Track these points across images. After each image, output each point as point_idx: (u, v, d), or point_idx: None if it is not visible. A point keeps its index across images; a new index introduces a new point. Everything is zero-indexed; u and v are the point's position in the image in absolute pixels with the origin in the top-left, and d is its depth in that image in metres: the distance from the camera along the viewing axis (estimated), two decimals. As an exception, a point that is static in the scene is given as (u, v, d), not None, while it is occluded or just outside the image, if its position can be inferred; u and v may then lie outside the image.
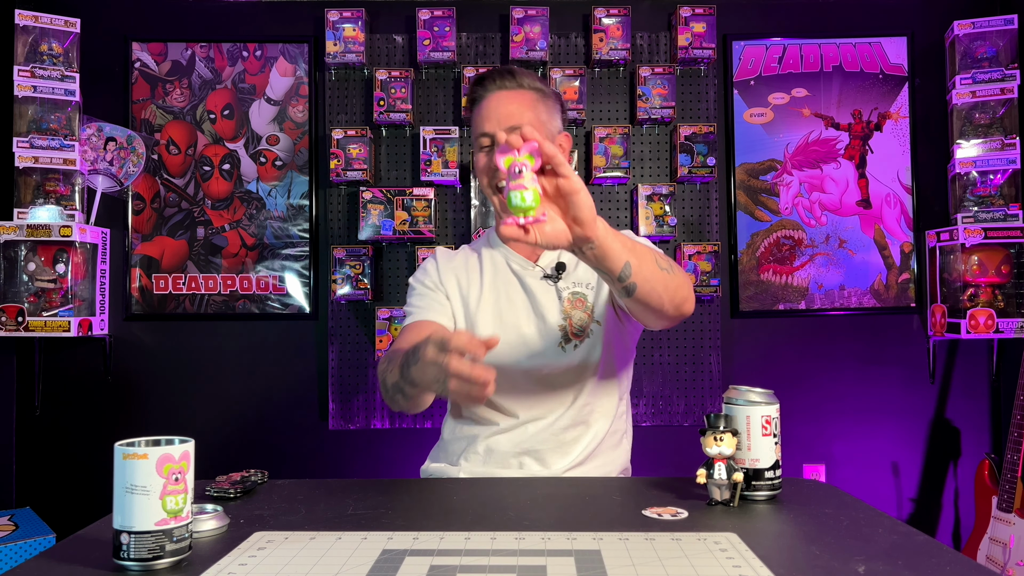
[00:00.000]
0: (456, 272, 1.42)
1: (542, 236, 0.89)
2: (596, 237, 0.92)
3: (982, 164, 2.45)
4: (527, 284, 1.37)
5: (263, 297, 2.58)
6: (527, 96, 1.32)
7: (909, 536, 0.80)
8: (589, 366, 1.32)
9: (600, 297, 1.33)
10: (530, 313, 1.35)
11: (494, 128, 1.30)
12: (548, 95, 1.36)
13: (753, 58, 2.64)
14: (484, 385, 0.89)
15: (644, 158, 2.60)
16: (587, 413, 1.33)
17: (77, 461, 2.54)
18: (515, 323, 1.35)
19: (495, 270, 1.40)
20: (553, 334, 1.33)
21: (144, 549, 0.70)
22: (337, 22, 2.49)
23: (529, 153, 0.85)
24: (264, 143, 2.60)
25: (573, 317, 1.33)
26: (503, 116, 1.29)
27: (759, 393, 0.95)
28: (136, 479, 0.70)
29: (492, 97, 1.32)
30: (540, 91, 1.35)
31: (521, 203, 0.85)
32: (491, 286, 1.39)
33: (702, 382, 2.57)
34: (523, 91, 1.33)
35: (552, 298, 1.34)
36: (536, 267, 1.38)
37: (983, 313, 2.35)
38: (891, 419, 2.60)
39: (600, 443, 1.33)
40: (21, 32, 2.35)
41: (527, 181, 0.85)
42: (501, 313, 1.36)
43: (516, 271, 1.39)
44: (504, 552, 0.75)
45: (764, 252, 2.62)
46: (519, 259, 1.39)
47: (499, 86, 1.33)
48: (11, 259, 2.34)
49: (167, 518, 0.71)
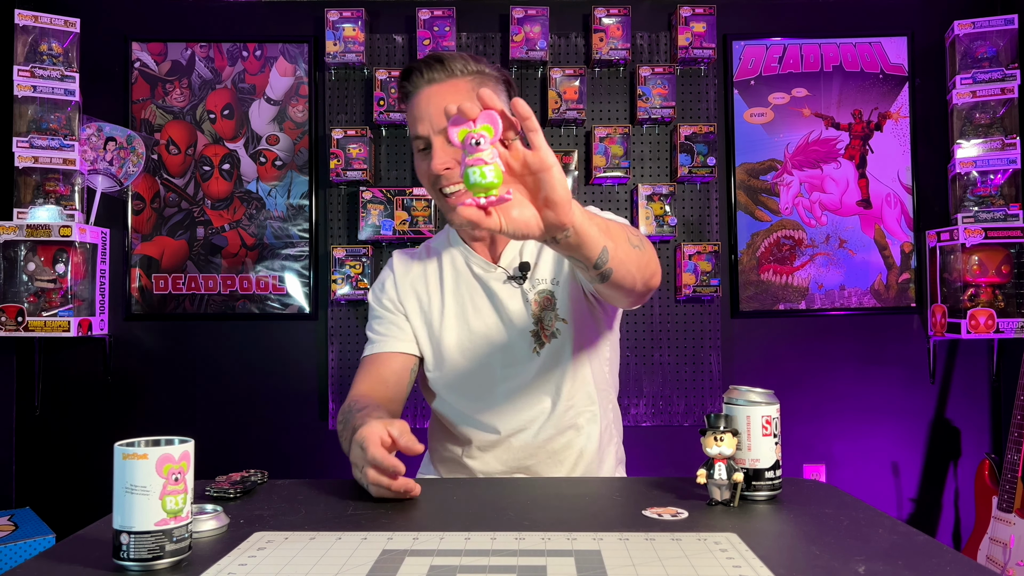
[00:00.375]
0: (415, 286, 1.32)
1: (508, 222, 0.75)
2: (572, 223, 0.79)
3: (982, 164, 2.45)
4: (491, 288, 1.27)
5: (263, 297, 2.58)
6: (462, 85, 1.17)
7: (909, 536, 0.80)
8: (564, 367, 1.24)
9: (566, 291, 1.24)
10: (498, 320, 1.26)
11: (428, 131, 1.17)
12: (489, 76, 1.21)
13: (753, 58, 2.64)
14: (405, 495, 0.94)
15: (644, 158, 2.60)
16: (572, 417, 1.26)
17: (77, 461, 2.54)
18: (484, 332, 1.26)
19: (456, 275, 1.30)
20: (525, 339, 1.24)
21: (144, 549, 0.70)
22: (337, 22, 2.49)
23: (487, 124, 0.72)
24: (264, 143, 2.60)
25: (544, 319, 1.24)
26: (435, 115, 1.16)
27: (759, 393, 0.95)
28: (136, 479, 0.70)
29: (422, 94, 1.18)
30: (478, 74, 1.19)
31: (481, 179, 0.71)
32: (453, 294, 1.29)
33: (702, 382, 2.57)
34: (456, 80, 1.17)
35: (519, 301, 1.25)
36: (498, 269, 1.27)
37: (983, 313, 2.34)
38: (891, 419, 2.60)
39: (596, 445, 1.28)
40: (21, 32, 2.35)
41: (487, 155, 0.71)
42: (468, 322, 1.27)
43: (478, 275, 1.28)
44: (504, 552, 0.75)
45: (764, 252, 2.62)
46: (480, 260, 1.28)
47: (428, 80, 1.18)
48: (11, 259, 2.34)
49: (167, 518, 0.71)
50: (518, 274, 1.26)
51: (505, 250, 1.27)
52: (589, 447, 1.27)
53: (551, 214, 0.77)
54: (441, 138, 1.16)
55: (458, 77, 1.17)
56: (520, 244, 1.27)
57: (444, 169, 1.16)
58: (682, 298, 2.55)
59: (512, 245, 1.27)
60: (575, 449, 1.27)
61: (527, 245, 1.27)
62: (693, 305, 2.58)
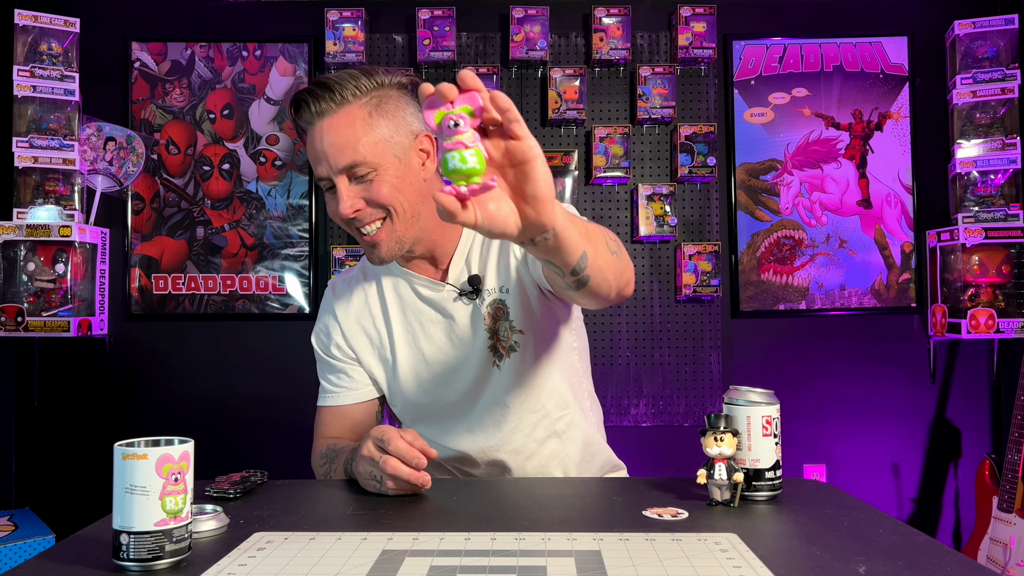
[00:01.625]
0: (361, 322, 1.23)
1: (484, 216, 0.68)
2: (554, 224, 0.72)
3: (983, 164, 2.45)
4: (442, 308, 1.18)
5: (263, 297, 2.58)
6: (356, 113, 1.06)
7: (910, 536, 0.80)
8: (529, 378, 1.17)
9: (516, 298, 1.15)
10: (450, 342, 1.18)
11: (327, 172, 1.07)
12: (389, 95, 1.08)
13: (753, 58, 2.63)
14: (422, 487, 0.95)
15: (644, 158, 2.60)
16: (549, 425, 1.20)
17: (77, 461, 2.54)
18: (439, 358, 1.18)
19: (401, 302, 1.21)
20: (483, 356, 1.16)
21: (144, 549, 0.70)
22: (337, 22, 2.49)
23: (467, 104, 0.65)
24: (264, 143, 2.60)
25: (499, 331, 1.15)
26: (333, 154, 1.05)
27: (759, 393, 0.95)
28: (135, 479, 0.70)
29: (314, 130, 1.07)
30: (374, 95, 1.07)
31: (461, 165, 0.65)
32: (401, 324, 1.20)
33: (702, 382, 2.57)
34: (349, 108, 1.06)
35: (473, 317, 1.16)
36: (446, 287, 1.17)
37: (984, 313, 2.34)
38: (892, 419, 2.60)
39: (581, 448, 1.23)
40: (21, 32, 2.35)
41: (467, 138, 0.65)
42: (422, 352, 1.19)
43: (426, 297, 1.19)
44: (504, 552, 0.75)
45: (764, 252, 2.61)
46: (425, 281, 1.18)
47: (317, 112, 1.06)
48: (11, 259, 2.34)
49: (167, 518, 0.71)
50: (468, 288, 1.16)
51: (451, 264, 1.18)
52: (574, 451, 1.23)
53: (532, 212, 0.70)
54: (344, 177, 1.07)
55: (351, 103, 1.06)
56: (465, 255, 1.18)
57: (353, 212, 1.07)
58: (682, 298, 2.55)
59: (457, 258, 1.18)
60: (560, 457, 1.22)
61: (472, 255, 1.18)
62: (693, 305, 2.58)
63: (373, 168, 1.06)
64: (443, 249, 1.18)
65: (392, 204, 1.08)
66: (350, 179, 1.08)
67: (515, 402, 1.18)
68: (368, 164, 1.06)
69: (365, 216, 1.09)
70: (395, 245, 1.11)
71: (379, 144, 1.06)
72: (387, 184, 1.07)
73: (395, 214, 1.09)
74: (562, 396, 1.21)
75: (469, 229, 0.73)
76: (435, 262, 1.19)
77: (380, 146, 1.06)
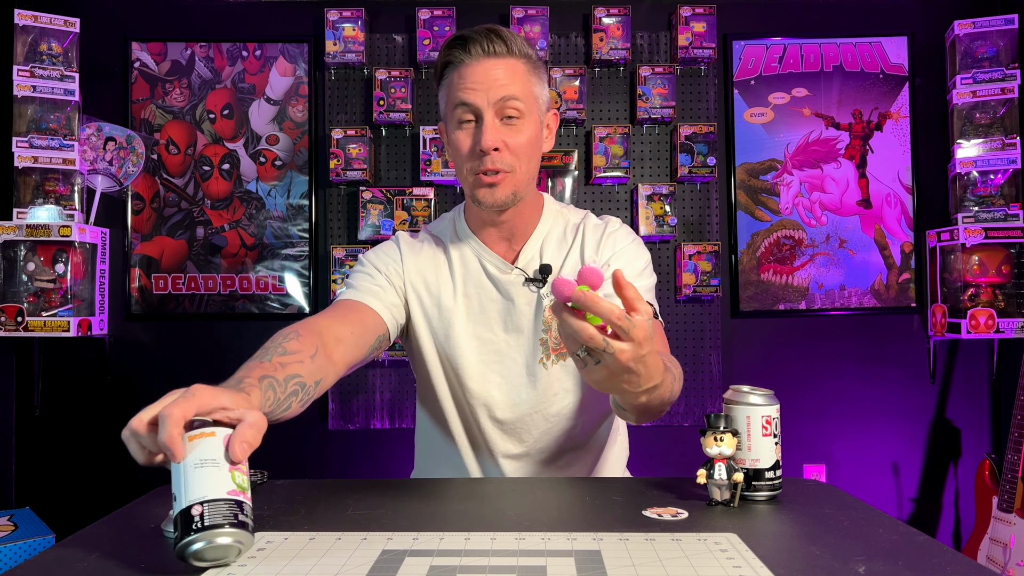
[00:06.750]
0: (424, 272, 1.21)
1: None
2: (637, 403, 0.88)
3: (982, 164, 2.45)
4: (505, 290, 1.17)
5: (263, 297, 2.58)
6: (519, 66, 1.11)
7: (909, 536, 0.80)
8: (577, 385, 1.17)
9: None
10: (506, 326, 1.17)
11: (483, 102, 1.09)
12: (538, 63, 1.15)
13: (753, 58, 2.63)
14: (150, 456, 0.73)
15: (644, 158, 2.60)
16: (586, 435, 1.21)
17: (77, 461, 2.54)
18: (490, 339, 1.18)
19: (466, 272, 1.20)
20: (533, 349, 1.16)
21: (219, 515, 0.69)
22: (337, 22, 2.49)
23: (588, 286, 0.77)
24: (264, 143, 2.60)
25: (555, 327, 1.13)
26: (493, 85, 1.08)
27: (759, 393, 0.95)
28: (206, 454, 0.70)
29: (479, 65, 1.10)
30: (530, 59, 1.13)
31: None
32: (463, 293, 1.19)
33: (702, 382, 2.57)
34: (515, 59, 1.11)
35: (533, 306, 1.16)
36: (515, 269, 1.17)
37: (983, 313, 2.34)
38: (891, 419, 2.60)
39: (603, 459, 1.24)
40: (21, 32, 2.35)
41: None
42: (474, 328, 1.18)
43: (492, 275, 1.18)
44: (504, 552, 0.74)
45: (764, 252, 2.61)
46: (495, 259, 1.18)
47: (487, 52, 1.09)
48: (10, 259, 2.34)
49: (236, 490, 0.71)
50: (537, 276, 1.16)
51: (524, 248, 1.19)
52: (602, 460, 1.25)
53: (615, 390, 0.84)
54: (493, 112, 1.09)
55: (516, 57, 1.11)
56: (540, 242, 1.19)
57: (493, 149, 1.09)
58: (682, 298, 2.55)
59: (532, 242, 1.19)
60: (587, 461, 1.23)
61: (548, 244, 1.19)
62: (693, 305, 2.58)
63: (522, 113, 1.11)
64: (522, 229, 1.20)
65: (521, 158, 1.11)
66: (499, 117, 1.10)
67: (559, 406, 1.18)
68: (522, 105, 1.10)
69: (497, 159, 1.10)
70: (510, 193, 1.12)
71: (532, 97, 1.12)
72: (526, 134, 1.11)
73: (517, 171, 1.12)
74: (598, 408, 1.21)
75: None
76: (511, 239, 1.20)
77: (532, 99, 1.12)
